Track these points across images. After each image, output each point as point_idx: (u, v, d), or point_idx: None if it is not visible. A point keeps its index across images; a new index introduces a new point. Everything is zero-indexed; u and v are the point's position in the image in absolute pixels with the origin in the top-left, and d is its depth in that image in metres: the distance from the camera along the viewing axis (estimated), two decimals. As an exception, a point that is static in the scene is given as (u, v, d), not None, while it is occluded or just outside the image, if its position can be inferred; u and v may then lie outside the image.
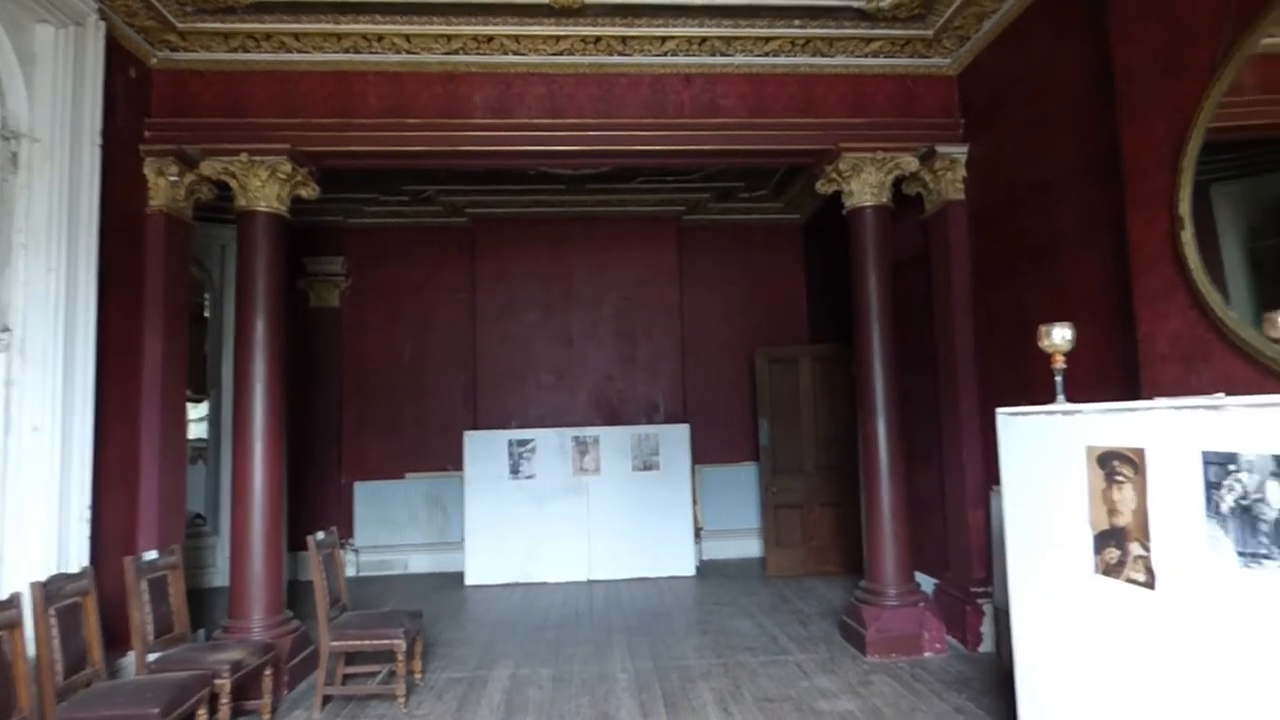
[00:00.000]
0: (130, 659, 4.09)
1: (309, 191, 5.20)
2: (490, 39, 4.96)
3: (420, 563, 8.40)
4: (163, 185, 4.88)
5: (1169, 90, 3.13)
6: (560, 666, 4.99)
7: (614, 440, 8.02)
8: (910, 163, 5.38)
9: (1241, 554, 1.97)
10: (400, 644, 4.23)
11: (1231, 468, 2.00)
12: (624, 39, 5.03)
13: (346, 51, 4.94)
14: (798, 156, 5.58)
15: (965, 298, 5.32)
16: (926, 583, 5.65)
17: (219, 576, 7.44)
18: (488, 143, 5.13)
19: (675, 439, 8.07)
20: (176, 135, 4.87)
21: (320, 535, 4.51)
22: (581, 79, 5.17)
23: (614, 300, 8.68)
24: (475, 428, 8.19)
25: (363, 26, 4.79)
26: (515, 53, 5.06)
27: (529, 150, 5.24)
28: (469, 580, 7.67)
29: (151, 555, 4.08)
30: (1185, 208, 3.03)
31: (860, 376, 5.36)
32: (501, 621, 6.25)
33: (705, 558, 8.53)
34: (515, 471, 7.90)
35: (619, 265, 8.69)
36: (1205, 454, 2.07)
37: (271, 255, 4.98)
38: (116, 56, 4.45)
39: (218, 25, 4.75)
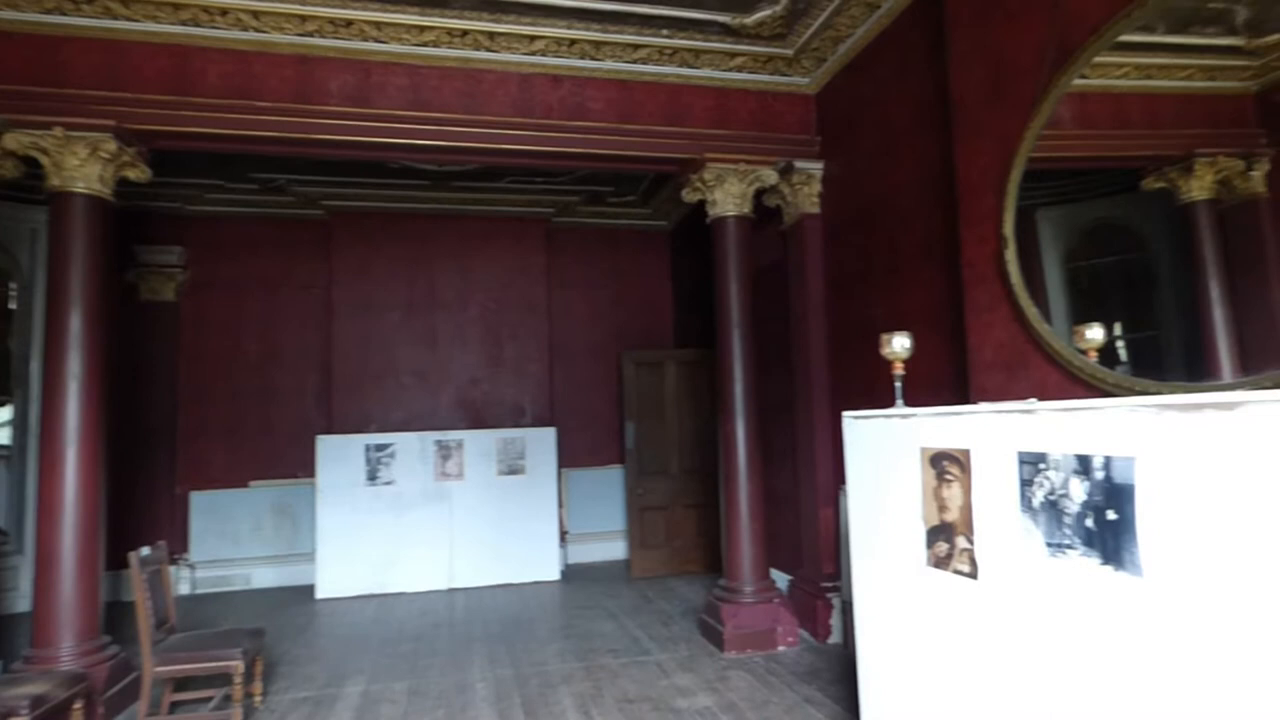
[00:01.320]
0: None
1: (138, 174, 4.75)
2: (349, 24, 4.73)
3: (266, 577, 7.86)
4: (-49, 158, 4.32)
5: (996, 121, 3.42)
6: (416, 679, 4.81)
7: (479, 444, 7.84)
8: (770, 176, 5.60)
9: (1049, 544, 2.17)
10: (237, 665, 3.93)
11: (1042, 466, 2.19)
12: (491, 35, 4.94)
13: (185, 24, 4.55)
14: (664, 164, 5.67)
15: (819, 306, 5.59)
16: (782, 579, 5.89)
17: (23, 601, 6.64)
18: (345, 132, 4.87)
19: (542, 442, 8.00)
20: (-28, 101, 4.32)
21: (145, 551, 4.11)
22: (447, 72, 5.03)
23: (480, 301, 8.49)
24: (330, 432, 7.77)
25: (204, -1, 4.45)
26: (376, 40, 4.84)
27: (390, 143, 5.03)
28: (320, 594, 7.26)
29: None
30: (1009, 229, 3.32)
31: (721, 380, 5.52)
32: (355, 635, 5.95)
33: (571, 561, 8.50)
34: (373, 478, 7.56)
35: (486, 265, 8.51)
36: (1020, 454, 2.27)
37: (91, 242, 4.49)
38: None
39: (29, -19, 4.26)
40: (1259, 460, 1.59)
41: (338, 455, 7.47)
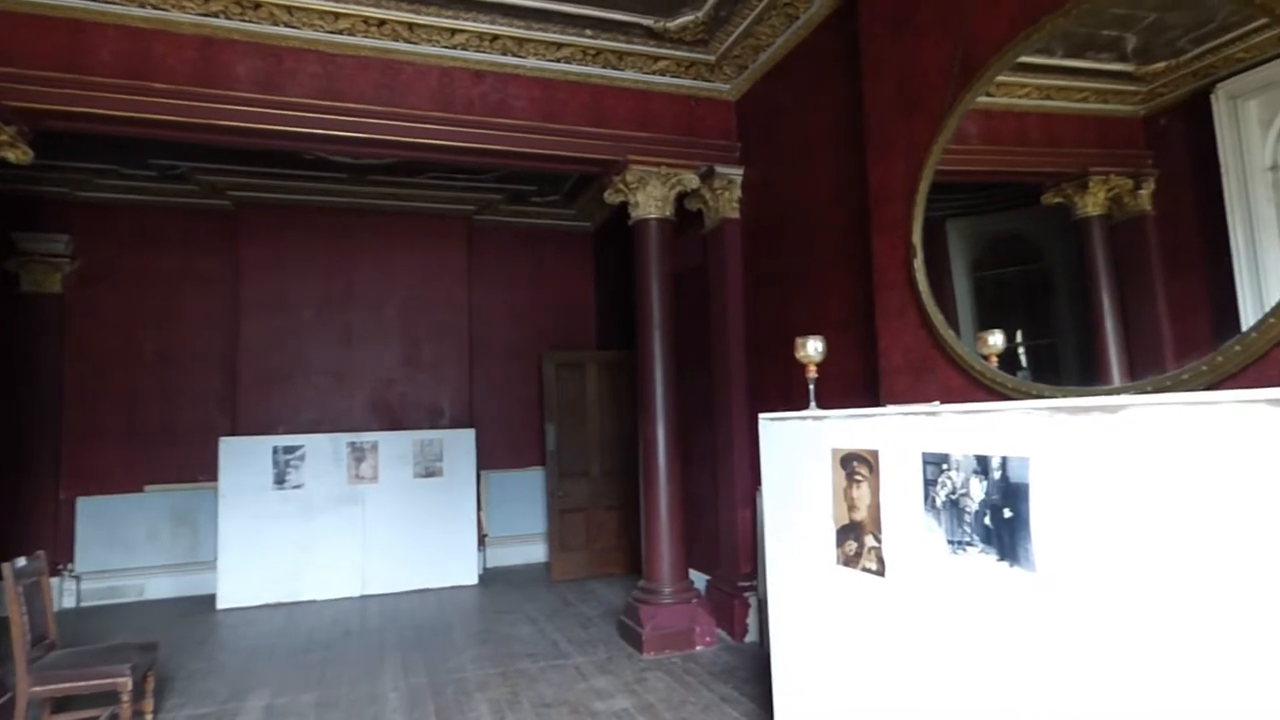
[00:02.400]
0: None
1: (19, 155, 4.40)
2: (258, 6, 4.53)
3: (161, 587, 7.44)
4: None
5: (905, 133, 3.54)
6: (325, 690, 4.63)
7: (394, 446, 7.63)
8: (692, 180, 5.65)
9: (950, 542, 2.25)
10: (125, 681, 3.70)
11: (945, 467, 2.27)
12: (411, 26, 4.82)
13: (78, -2, 4.27)
14: (587, 165, 5.64)
15: (738, 310, 5.67)
16: (700, 580, 5.95)
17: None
18: (252, 120, 4.64)
19: (460, 444, 7.85)
20: None
21: (21, 562, 3.82)
22: (363, 62, 4.87)
23: (398, 299, 8.26)
24: (235, 434, 7.42)
25: (97, -29, 4.18)
26: (288, 25, 4.65)
27: (301, 133, 4.82)
28: (222, 603, 6.92)
29: None
30: (917, 238, 3.44)
31: (641, 382, 5.53)
32: (259, 646, 5.69)
33: (490, 565, 8.37)
34: (281, 481, 7.26)
35: (405, 262, 8.28)
36: (924, 455, 2.34)
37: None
38: None
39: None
40: (1140, 460, 1.69)
41: (243, 458, 7.14)
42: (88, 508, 7.33)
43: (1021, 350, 3.20)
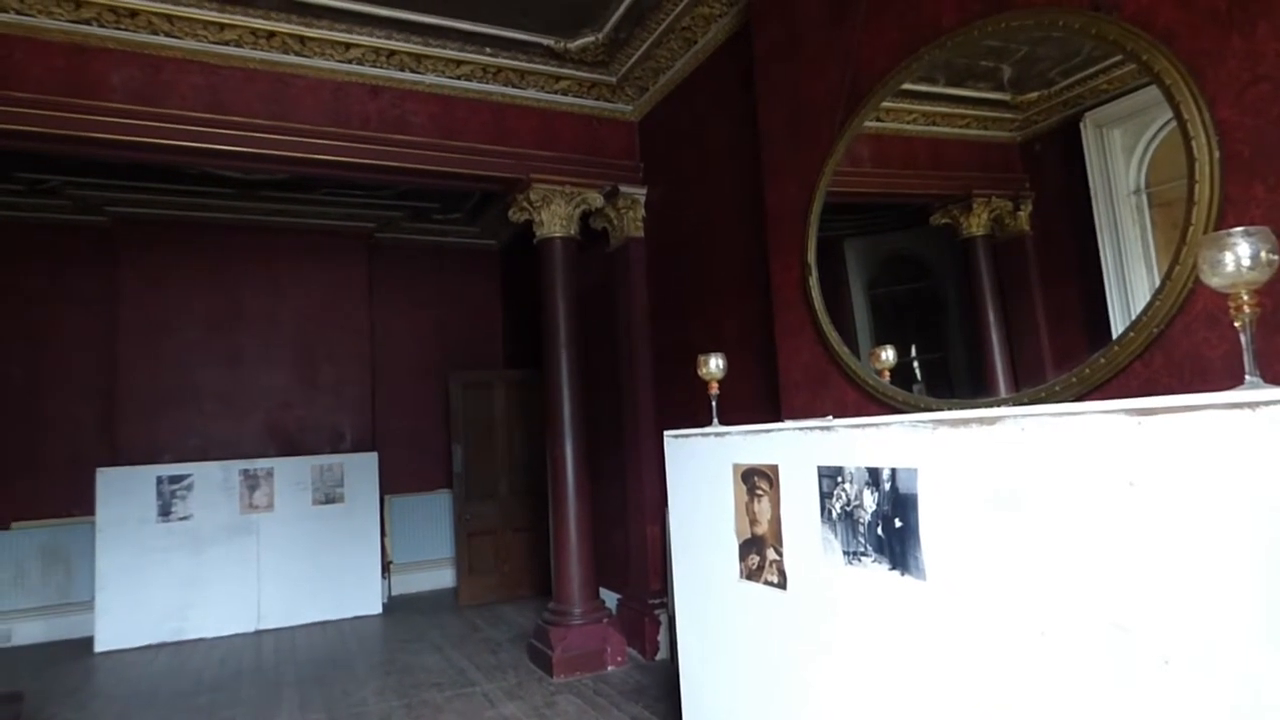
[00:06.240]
0: None
1: None
2: (134, 14, 4.29)
3: (30, 632, 6.85)
4: None
5: (798, 155, 3.66)
6: (213, 736, 4.36)
7: (291, 472, 7.29)
8: (596, 199, 5.67)
9: (846, 553, 2.32)
10: (-17, 741, 3.38)
11: (839, 479, 2.34)
12: (302, 39, 4.66)
13: (-74, -1, 3.94)
14: (490, 183, 5.58)
15: (644, 327, 5.72)
16: (611, 599, 5.92)
17: None
18: (129, 132, 4.37)
19: (362, 468, 7.58)
20: None
21: None
22: (251, 74, 4.67)
23: (293, 318, 7.92)
24: (114, 464, 6.92)
25: (-52, -29, 3.87)
26: (168, 34, 4.42)
27: (184, 146, 4.56)
28: (100, 646, 6.42)
29: None
30: (812, 257, 3.55)
31: (548, 401, 5.48)
32: (141, 691, 5.30)
33: (396, 592, 8.10)
34: (166, 513, 6.82)
35: (300, 281, 7.96)
36: (820, 468, 2.41)
37: None
38: None
39: None
40: (1015, 468, 1.79)
41: (123, 489, 6.68)
42: (-58, 549, 6.68)
43: (916, 364, 3.34)
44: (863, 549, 2.25)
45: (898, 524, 2.13)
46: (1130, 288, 2.45)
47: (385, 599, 7.66)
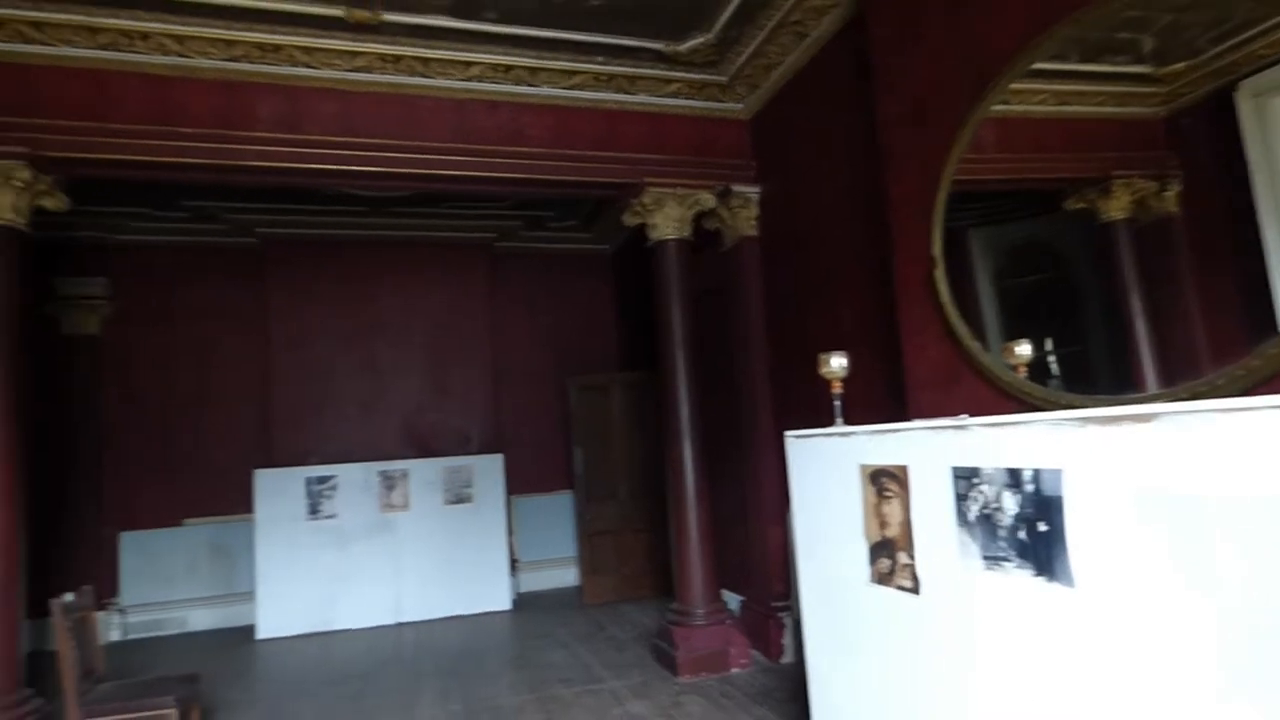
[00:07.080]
0: None
1: (55, 203, 4.54)
2: (278, 49, 4.65)
3: (202, 619, 7.55)
4: None
5: (920, 145, 3.52)
6: (361, 721, 4.65)
7: (424, 473, 7.68)
8: (709, 199, 5.66)
9: (985, 558, 2.21)
10: (170, 714, 3.73)
11: (975, 480, 2.24)
12: (425, 60, 4.91)
13: (104, 49, 4.40)
14: (603, 189, 5.69)
15: (760, 327, 5.65)
16: (733, 600, 5.89)
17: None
18: (274, 159, 4.74)
19: (489, 470, 7.88)
20: None
21: (69, 597, 3.89)
22: (380, 98, 4.96)
23: (424, 328, 8.35)
24: (269, 466, 7.51)
25: (123, 23, 4.31)
26: (307, 65, 4.76)
27: (322, 169, 4.92)
28: (261, 634, 6.99)
29: None
30: (938, 249, 3.41)
31: (666, 403, 5.52)
32: (297, 677, 5.73)
33: (522, 590, 8.37)
34: (314, 511, 7.34)
35: (428, 292, 8.38)
36: (954, 469, 2.31)
37: (7, 274, 4.29)
38: None
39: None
40: (1177, 469, 1.65)
41: (277, 489, 7.24)
42: (130, 542, 7.47)
43: (1052, 359, 3.15)
44: (1003, 553, 2.14)
45: (1041, 527, 2.02)
46: (1298, 270, 2.21)
47: (513, 596, 7.93)
